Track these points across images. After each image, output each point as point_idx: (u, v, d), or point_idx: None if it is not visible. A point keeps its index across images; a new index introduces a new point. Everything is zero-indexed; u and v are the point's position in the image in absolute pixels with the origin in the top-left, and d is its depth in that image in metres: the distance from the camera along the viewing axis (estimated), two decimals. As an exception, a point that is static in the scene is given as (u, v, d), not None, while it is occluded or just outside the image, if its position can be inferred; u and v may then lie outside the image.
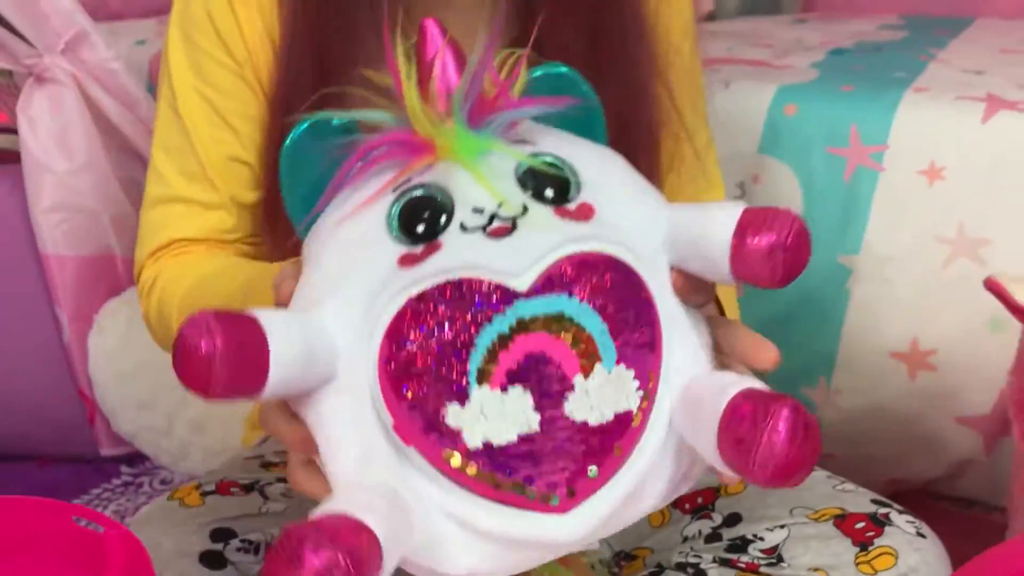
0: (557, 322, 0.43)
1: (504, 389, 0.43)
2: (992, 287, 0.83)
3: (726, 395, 0.42)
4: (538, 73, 0.51)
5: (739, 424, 0.41)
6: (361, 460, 0.44)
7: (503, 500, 0.43)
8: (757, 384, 0.43)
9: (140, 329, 1.21)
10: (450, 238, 0.45)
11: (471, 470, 0.43)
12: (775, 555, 0.71)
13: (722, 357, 0.50)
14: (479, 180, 0.45)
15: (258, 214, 0.82)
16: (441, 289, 0.43)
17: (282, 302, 0.50)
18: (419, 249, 0.45)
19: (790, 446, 0.40)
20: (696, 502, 0.77)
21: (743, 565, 0.70)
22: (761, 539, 0.72)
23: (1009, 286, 0.83)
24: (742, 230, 0.44)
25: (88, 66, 1.28)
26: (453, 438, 0.43)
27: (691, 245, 0.47)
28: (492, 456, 0.43)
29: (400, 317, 0.43)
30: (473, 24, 0.61)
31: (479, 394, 0.43)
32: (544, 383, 0.43)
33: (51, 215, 1.28)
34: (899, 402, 1.30)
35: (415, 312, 0.43)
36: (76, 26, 1.25)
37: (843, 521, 0.72)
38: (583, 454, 0.43)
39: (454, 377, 0.43)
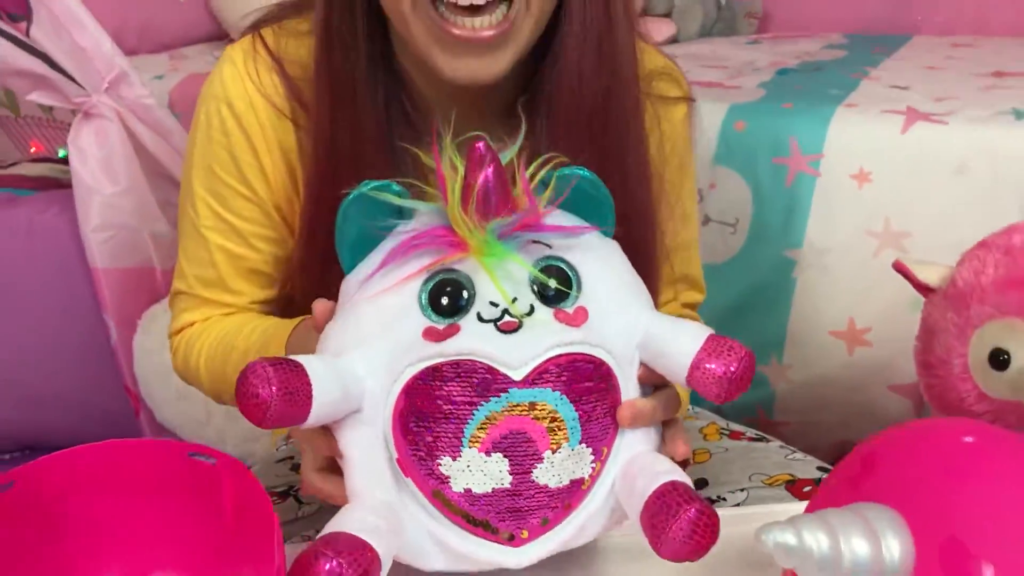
0: (540, 409, 0.51)
1: (488, 453, 0.50)
2: (898, 268, 0.94)
3: (656, 481, 0.51)
4: (565, 172, 0.56)
5: (657, 509, 0.50)
6: (370, 478, 0.54)
7: (473, 532, 0.53)
8: (682, 478, 0.51)
9: (179, 330, 1.37)
10: (468, 324, 0.51)
11: (452, 507, 0.52)
12: None
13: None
14: (495, 285, 0.52)
15: (273, 306, 0.85)
16: (454, 366, 0.50)
17: (318, 319, 0.59)
18: (442, 326, 0.51)
19: (688, 539, 0.49)
20: None
21: None
22: (724, 500, 0.78)
23: (912, 267, 0.94)
24: (701, 357, 0.52)
25: (128, 102, 1.36)
26: (442, 481, 0.51)
27: (659, 354, 0.54)
28: (470, 500, 0.52)
29: (417, 379, 0.51)
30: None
31: (468, 453, 0.50)
32: (520, 454, 0.51)
33: (99, 233, 1.36)
34: (840, 374, 1.40)
35: (430, 379, 0.51)
36: (117, 67, 1.34)
37: (793, 485, 0.79)
38: (539, 507, 0.53)
39: (451, 437, 0.51)
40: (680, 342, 0.53)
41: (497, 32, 0.68)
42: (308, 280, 0.78)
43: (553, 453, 0.51)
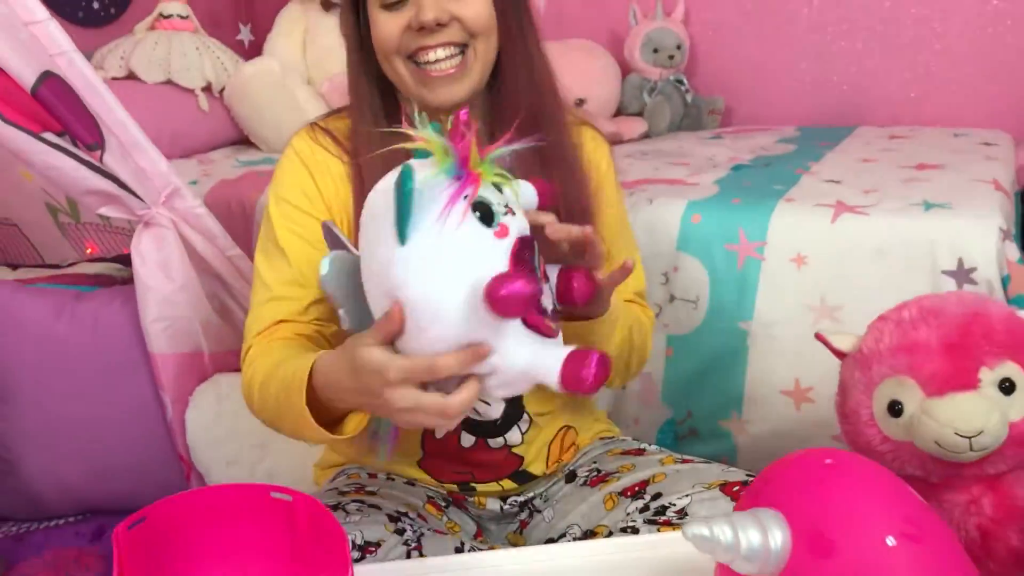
0: None
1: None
2: (819, 338, 1.13)
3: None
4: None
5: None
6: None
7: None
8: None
9: (226, 405, 1.51)
10: (507, 221, 0.74)
11: (543, 325, 0.75)
12: (682, 513, 0.95)
13: None
14: (504, 183, 0.76)
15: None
16: (522, 240, 0.75)
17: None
18: (497, 229, 0.73)
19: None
20: (635, 490, 1.01)
21: (662, 521, 0.95)
22: (674, 504, 0.96)
23: (830, 337, 1.13)
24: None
25: (181, 212, 1.50)
26: (542, 312, 0.76)
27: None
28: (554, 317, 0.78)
29: (511, 252, 0.74)
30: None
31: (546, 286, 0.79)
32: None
33: (156, 324, 1.48)
34: (791, 426, 1.53)
35: (516, 251, 0.74)
36: (172, 184, 1.49)
37: (725, 487, 0.97)
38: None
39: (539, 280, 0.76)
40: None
41: (457, 70, 1.02)
42: None
43: None
